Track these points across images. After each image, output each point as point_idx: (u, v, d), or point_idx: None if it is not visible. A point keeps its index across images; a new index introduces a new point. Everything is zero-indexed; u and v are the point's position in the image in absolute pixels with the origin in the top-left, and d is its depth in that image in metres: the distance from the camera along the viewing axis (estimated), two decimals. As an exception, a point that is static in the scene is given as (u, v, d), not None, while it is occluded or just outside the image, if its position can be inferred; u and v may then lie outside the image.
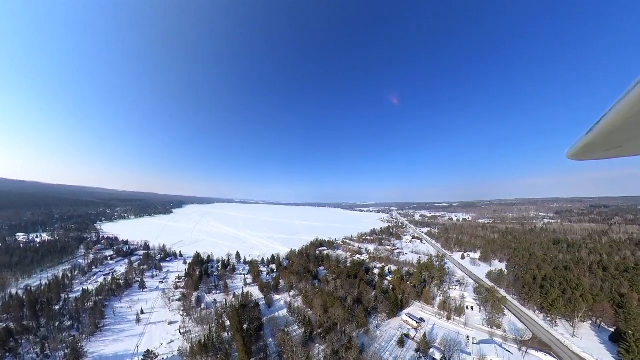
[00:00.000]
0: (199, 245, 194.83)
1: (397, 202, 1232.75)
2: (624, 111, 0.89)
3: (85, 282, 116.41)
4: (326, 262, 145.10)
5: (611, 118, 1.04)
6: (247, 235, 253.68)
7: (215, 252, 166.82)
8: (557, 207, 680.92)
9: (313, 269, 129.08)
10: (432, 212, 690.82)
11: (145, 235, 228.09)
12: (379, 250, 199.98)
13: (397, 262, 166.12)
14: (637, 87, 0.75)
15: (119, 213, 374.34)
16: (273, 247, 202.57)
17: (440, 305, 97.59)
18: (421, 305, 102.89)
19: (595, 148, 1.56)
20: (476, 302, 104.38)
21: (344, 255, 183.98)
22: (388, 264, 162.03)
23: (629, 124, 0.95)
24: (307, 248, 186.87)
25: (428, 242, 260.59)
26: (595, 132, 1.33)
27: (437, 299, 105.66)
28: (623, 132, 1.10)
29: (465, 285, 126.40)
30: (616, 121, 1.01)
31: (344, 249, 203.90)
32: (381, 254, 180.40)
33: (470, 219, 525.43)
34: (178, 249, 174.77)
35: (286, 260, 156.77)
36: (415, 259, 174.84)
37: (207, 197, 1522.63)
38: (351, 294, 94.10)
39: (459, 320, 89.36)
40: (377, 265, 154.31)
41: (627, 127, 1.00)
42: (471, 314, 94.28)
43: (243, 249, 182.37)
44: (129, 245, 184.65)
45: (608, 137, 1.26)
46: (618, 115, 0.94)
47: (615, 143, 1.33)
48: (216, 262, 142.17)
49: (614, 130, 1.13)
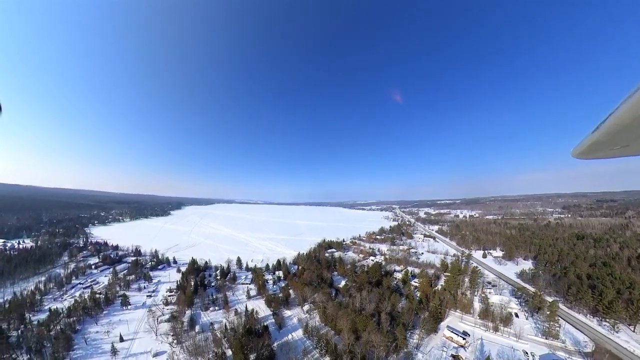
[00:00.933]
0: (196, 249, 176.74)
1: (398, 200, 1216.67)
2: (632, 109, 0.85)
3: (60, 297, 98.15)
4: (339, 266, 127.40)
5: (619, 116, 1.01)
6: (248, 237, 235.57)
7: (213, 258, 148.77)
8: (562, 202, 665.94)
9: (327, 275, 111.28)
10: (436, 209, 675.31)
11: (138, 239, 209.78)
12: (393, 250, 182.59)
13: (417, 263, 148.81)
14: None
15: (114, 216, 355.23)
16: (277, 249, 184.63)
17: (482, 313, 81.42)
18: (459, 314, 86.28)
19: (601, 147, 1.53)
20: (520, 308, 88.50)
21: (355, 257, 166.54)
22: (406, 265, 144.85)
23: (637, 122, 0.93)
24: (315, 250, 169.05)
25: (442, 240, 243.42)
26: (602, 130, 1.31)
27: (475, 306, 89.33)
28: (631, 131, 1.08)
29: (499, 287, 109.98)
30: (624, 119, 0.98)
31: (355, 250, 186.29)
32: (397, 255, 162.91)
33: (477, 216, 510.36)
34: (173, 255, 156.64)
35: (294, 265, 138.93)
36: (434, 259, 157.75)
37: (206, 198, 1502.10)
38: (384, 308, 76.55)
39: (508, 332, 73.97)
40: (396, 268, 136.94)
41: (635, 126, 0.97)
42: (518, 323, 79.16)
43: (244, 253, 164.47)
44: (118, 251, 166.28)
45: (615, 135, 1.24)
46: (627, 113, 0.90)
47: (622, 142, 1.32)
48: (214, 269, 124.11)
49: (622, 128, 1.11)
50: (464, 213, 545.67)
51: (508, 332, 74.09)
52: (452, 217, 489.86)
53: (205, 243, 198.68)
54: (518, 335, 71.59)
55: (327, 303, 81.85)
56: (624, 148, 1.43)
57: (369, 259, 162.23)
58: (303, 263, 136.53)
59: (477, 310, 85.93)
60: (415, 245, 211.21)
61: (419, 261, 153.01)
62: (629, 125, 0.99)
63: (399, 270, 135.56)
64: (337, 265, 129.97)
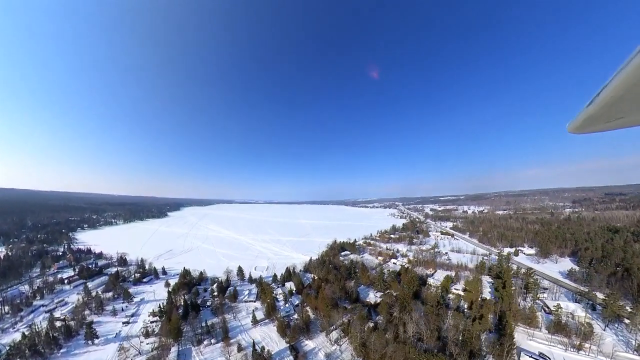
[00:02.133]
0: (192, 255, 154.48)
1: (399, 197, 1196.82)
2: (625, 80, 0.83)
3: (13, 326, 75.80)
4: (362, 273, 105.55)
5: (612, 88, 0.98)
6: (250, 239, 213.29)
7: (210, 266, 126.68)
8: (569, 196, 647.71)
9: (352, 288, 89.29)
10: (441, 205, 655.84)
11: (128, 244, 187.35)
12: (413, 251, 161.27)
13: (447, 265, 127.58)
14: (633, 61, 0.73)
15: (107, 218, 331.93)
16: (283, 253, 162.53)
17: (553, 327, 63.07)
18: (524, 329, 66.02)
19: (596, 120, 1.53)
20: (591, 317, 69.69)
21: (374, 260, 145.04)
22: (435, 268, 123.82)
23: (630, 94, 0.90)
24: (327, 254, 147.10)
25: (460, 237, 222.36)
26: (596, 103, 1.32)
27: (539, 318, 69.13)
28: (624, 102, 1.06)
29: (551, 291, 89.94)
30: (617, 91, 0.96)
31: (372, 252, 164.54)
32: (422, 256, 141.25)
33: (486, 211, 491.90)
34: (164, 262, 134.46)
35: (306, 273, 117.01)
36: (463, 259, 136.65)
37: (206, 199, 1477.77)
38: (450, 335, 54.90)
39: (594, 349, 56.26)
40: (426, 272, 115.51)
41: (628, 97, 0.95)
42: (595, 336, 59.65)
43: (246, 259, 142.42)
44: (100, 259, 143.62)
45: (610, 108, 1.25)
46: (619, 85, 0.88)
47: (617, 114, 1.33)
48: (210, 282, 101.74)
49: (615, 101, 1.10)
50: (472, 209, 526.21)
51: (594, 350, 55.94)
52: (461, 213, 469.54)
53: (202, 247, 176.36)
54: (611, 355, 52.41)
55: (363, 329, 60.09)
56: (619, 120, 1.44)
57: (390, 261, 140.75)
58: (317, 270, 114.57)
59: (540, 322, 67.41)
60: (436, 243, 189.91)
61: (449, 262, 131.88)
62: (623, 97, 0.98)
63: (430, 274, 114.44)
64: (359, 272, 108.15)
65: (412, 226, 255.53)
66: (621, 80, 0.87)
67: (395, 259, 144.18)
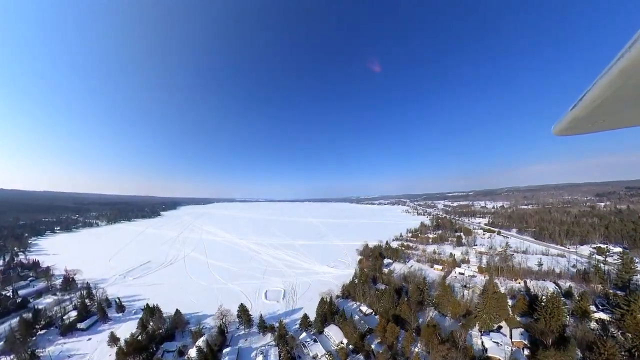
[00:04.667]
0: (175, 271, 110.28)
1: (403, 194, 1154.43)
2: (609, 84, 0.88)
3: None
4: (444, 300, 62.02)
5: (595, 94, 1.04)
6: (254, 244, 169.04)
7: (197, 293, 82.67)
8: (588, 190, 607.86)
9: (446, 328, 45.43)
10: (452, 201, 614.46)
11: (96, 253, 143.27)
12: (468, 254, 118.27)
13: (538, 273, 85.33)
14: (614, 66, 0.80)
15: (88, 219, 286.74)
16: (302, 265, 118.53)
17: None
18: None
19: (580, 123, 1.57)
20: None
21: (429, 269, 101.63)
22: (521, 279, 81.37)
23: (614, 97, 0.96)
24: (365, 265, 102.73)
25: (507, 235, 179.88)
26: (579, 107, 1.36)
27: None
28: (608, 105, 1.12)
29: None
30: (599, 97, 1.03)
31: (420, 259, 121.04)
32: (494, 262, 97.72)
33: (507, 206, 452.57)
34: (129, 286, 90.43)
35: (348, 301, 73.05)
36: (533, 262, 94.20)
37: (206, 198, 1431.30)
38: None
39: None
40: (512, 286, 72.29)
41: (612, 100, 1.01)
42: None
43: (251, 277, 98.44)
44: (45, 278, 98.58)
45: (592, 112, 1.30)
46: (604, 88, 0.94)
47: (599, 117, 1.38)
48: (192, 335, 56.92)
49: (597, 105, 1.16)
50: (490, 204, 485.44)
51: None
52: (481, 209, 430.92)
53: (192, 257, 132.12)
54: None
55: None
56: (600, 123, 1.49)
57: (456, 272, 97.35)
58: (366, 296, 70.87)
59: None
60: (493, 243, 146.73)
61: (539, 269, 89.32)
62: (607, 100, 1.03)
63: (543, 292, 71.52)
64: (438, 295, 64.65)
65: (449, 223, 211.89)
66: (605, 84, 0.92)
67: (460, 268, 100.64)
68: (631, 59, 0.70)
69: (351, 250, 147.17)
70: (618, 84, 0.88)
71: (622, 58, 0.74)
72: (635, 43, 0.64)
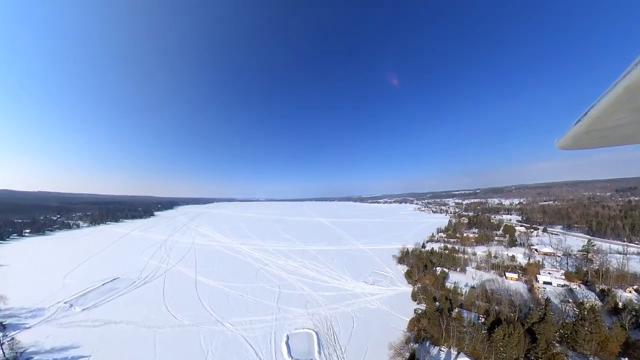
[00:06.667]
0: (147, 292, 76.39)
1: (406, 193, 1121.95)
2: (609, 104, 0.90)
3: None
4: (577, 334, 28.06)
5: (599, 110, 1.04)
6: (259, 251, 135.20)
7: (170, 348, 48.97)
8: (605, 187, 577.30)
9: None
10: (462, 199, 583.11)
11: (61, 261, 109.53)
12: (527, 256, 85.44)
13: None
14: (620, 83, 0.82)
15: (69, 220, 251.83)
16: (329, 282, 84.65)
17: None
18: None
19: (583, 138, 1.55)
20: None
21: (506, 282, 68.28)
22: (631, 285, 47.64)
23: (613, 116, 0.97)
24: (421, 278, 69.29)
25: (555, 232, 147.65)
26: (583, 122, 1.33)
27: None
28: (609, 123, 1.11)
29: None
30: (601, 113, 1.03)
31: (481, 266, 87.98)
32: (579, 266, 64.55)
33: (525, 203, 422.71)
34: (70, 324, 56.65)
35: (425, 343, 39.64)
36: None
37: (206, 197, 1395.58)
38: None
39: None
40: None
41: (612, 119, 1.01)
42: None
43: (259, 307, 64.56)
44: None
45: (596, 127, 1.27)
46: (604, 107, 0.95)
47: (602, 133, 1.36)
48: None
49: (599, 121, 1.14)
50: (507, 201, 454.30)
51: None
52: (497, 205, 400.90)
53: (176, 272, 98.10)
54: None
55: None
56: (603, 139, 1.46)
57: (541, 285, 63.92)
58: (449, 337, 37.19)
59: None
60: (550, 241, 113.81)
61: None
62: (609, 118, 1.02)
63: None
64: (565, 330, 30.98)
65: (486, 220, 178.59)
66: (611, 100, 0.95)
67: (541, 276, 67.13)
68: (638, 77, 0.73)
69: (382, 256, 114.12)
70: (624, 99, 0.86)
71: (628, 75, 0.76)
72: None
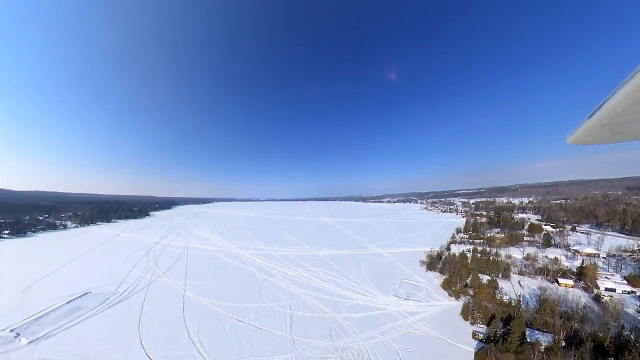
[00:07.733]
0: (120, 315, 59.04)
1: (408, 192, 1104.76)
2: (624, 97, 0.82)
3: None
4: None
5: (613, 104, 0.94)
6: (262, 256, 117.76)
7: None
8: (612, 185, 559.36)
9: None
10: (468, 198, 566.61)
11: (29, 270, 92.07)
12: (570, 259, 68.45)
13: None
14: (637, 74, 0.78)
15: (55, 221, 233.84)
16: (348, 296, 67.14)
17: None
18: None
19: (597, 133, 1.40)
20: None
21: (548, 287, 51.28)
22: None
23: (629, 109, 0.88)
24: (479, 293, 52.24)
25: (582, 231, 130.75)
26: (597, 116, 1.21)
27: None
28: (623, 117, 1.00)
29: None
30: (618, 107, 0.93)
31: (525, 271, 70.81)
32: None
33: (535, 201, 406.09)
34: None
35: None
36: None
37: (206, 197, 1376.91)
38: None
39: None
40: None
41: (627, 113, 0.92)
42: None
43: (268, 339, 46.97)
44: None
45: (610, 122, 1.14)
46: (619, 101, 0.87)
47: (616, 128, 1.23)
48: None
49: (616, 115, 1.03)
50: (516, 200, 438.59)
51: None
52: (507, 204, 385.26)
53: (162, 285, 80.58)
54: None
55: None
56: (618, 134, 1.32)
57: (603, 291, 46.57)
58: None
59: None
60: (590, 241, 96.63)
61: None
62: (622, 112, 0.94)
63: None
64: None
65: (511, 219, 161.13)
66: (626, 93, 0.87)
67: (600, 281, 49.80)
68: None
69: (405, 261, 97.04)
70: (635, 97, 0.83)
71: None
72: None
